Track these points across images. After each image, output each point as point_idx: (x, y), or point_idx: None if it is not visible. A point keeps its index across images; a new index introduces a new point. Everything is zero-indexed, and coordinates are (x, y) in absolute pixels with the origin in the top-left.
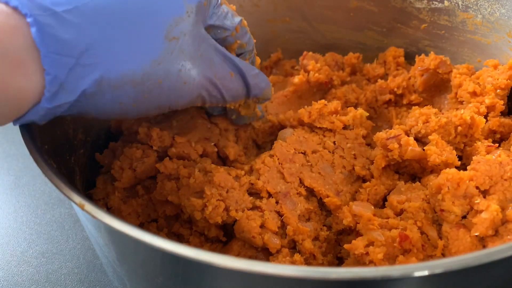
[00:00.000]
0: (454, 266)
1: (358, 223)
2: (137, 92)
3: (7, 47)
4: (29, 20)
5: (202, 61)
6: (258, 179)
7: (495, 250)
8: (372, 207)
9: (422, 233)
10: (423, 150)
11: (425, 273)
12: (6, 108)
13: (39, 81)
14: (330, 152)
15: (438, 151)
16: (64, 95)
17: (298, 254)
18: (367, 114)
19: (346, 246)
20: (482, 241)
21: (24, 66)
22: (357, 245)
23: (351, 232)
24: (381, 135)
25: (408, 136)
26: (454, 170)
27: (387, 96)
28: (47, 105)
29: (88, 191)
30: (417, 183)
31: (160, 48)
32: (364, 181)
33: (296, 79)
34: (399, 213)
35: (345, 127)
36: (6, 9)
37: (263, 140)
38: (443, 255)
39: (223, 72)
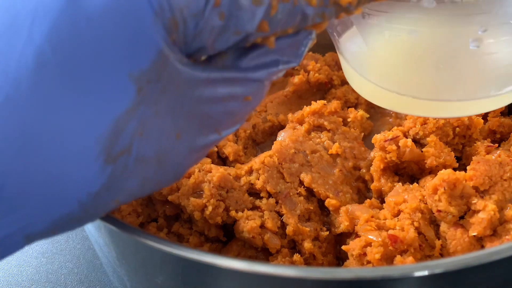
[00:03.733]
0: (454, 266)
1: (356, 225)
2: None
3: None
4: None
5: (188, 127)
6: (258, 179)
7: (496, 250)
8: (370, 209)
9: (419, 233)
10: (422, 151)
11: (425, 273)
12: None
13: None
14: (330, 152)
15: (436, 153)
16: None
17: (298, 254)
18: (368, 115)
19: (344, 247)
20: (480, 241)
21: None
22: (354, 246)
23: (350, 235)
24: (379, 137)
25: (406, 137)
26: (450, 170)
27: None
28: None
29: None
30: (415, 184)
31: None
32: (364, 181)
33: (296, 79)
34: (397, 214)
35: (345, 123)
36: None
37: (263, 140)
38: (441, 255)
39: (229, 108)
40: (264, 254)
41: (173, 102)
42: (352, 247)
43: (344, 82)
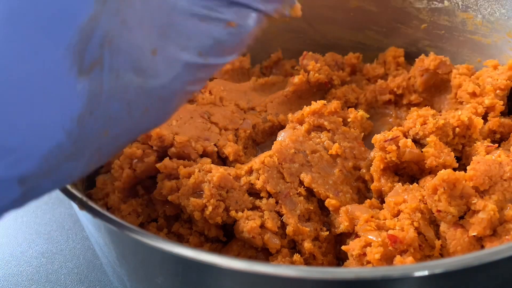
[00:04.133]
0: (454, 266)
1: (356, 226)
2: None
3: None
4: None
5: (165, 43)
6: (258, 179)
7: (496, 250)
8: (370, 210)
9: (419, 233)
10: (421, 152)
11: (425, 273)
12: None
13: None
14: (330, 152)
15: (436, 153)
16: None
17: (297, 254)
18: (368, 116)
19: (343, 247)
20: (480, 241)
21: None
22: (354, 246)
23: (350, 235)
24: (379, 137)
25: (406, 137)
26: (449, 170)
27: (387, 96)
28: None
29: (88, 191)
30: (414, 184)
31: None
32: (364, 181)
33: (296, 79)
34: (397, 214)
35: (345, 123)
36: None
37: (263, 140)
38: (441, 255)
39: (213, 33)
40: (264, 254)
41: (140, 12)
42: (352, 247)
43: (344, 82)
